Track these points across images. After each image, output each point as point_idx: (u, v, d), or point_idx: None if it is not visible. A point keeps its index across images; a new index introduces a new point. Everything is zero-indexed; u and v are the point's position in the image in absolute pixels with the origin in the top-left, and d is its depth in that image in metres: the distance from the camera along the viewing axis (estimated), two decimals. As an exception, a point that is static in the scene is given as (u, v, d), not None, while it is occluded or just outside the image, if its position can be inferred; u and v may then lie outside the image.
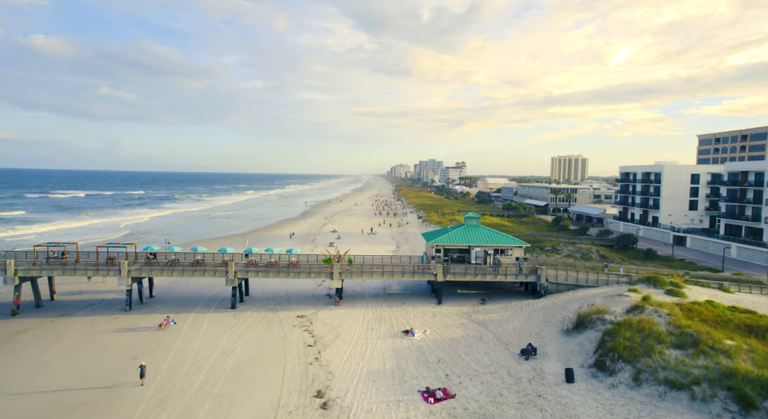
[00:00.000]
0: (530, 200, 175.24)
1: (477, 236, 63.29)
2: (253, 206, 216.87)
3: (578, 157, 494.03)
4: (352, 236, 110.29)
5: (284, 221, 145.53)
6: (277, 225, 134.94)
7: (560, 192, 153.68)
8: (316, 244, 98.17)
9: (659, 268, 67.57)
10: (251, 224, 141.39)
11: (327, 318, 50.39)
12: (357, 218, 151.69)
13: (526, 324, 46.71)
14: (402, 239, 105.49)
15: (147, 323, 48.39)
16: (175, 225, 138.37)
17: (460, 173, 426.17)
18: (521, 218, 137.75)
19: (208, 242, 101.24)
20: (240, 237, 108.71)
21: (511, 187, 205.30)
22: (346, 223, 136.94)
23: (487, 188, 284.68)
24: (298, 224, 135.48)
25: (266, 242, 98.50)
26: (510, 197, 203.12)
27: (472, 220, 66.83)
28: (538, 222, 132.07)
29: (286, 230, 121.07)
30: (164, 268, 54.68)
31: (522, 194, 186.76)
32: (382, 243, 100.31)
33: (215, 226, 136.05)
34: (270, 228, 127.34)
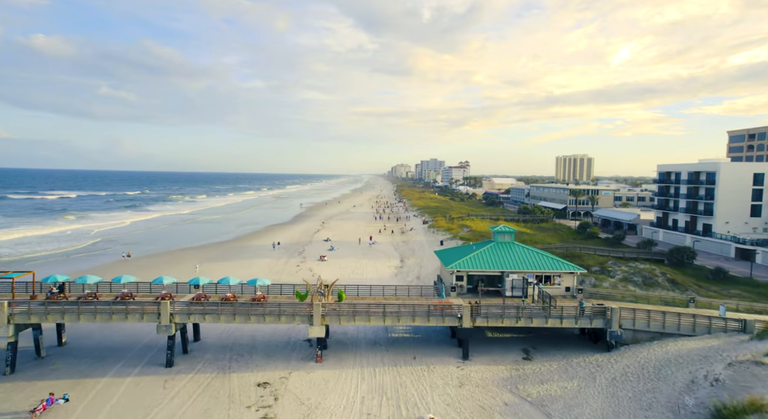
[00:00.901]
0: (544, 202, 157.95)
1: (512, 258, 46.07)
2: (246, 209, 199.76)
3: (584, 156, 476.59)
4: (348, 246, 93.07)
5: (273, 227, 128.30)
6: (264, 232, 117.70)
7: (581, 194, 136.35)
8: (305, 257, 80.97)
9: (746, 293, 50.33)
10: (237, 229, 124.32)
11: (302, 388, 33.30)
12: (355, 222, 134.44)
13: (610, 408, 29.41)
14: (406, 251, 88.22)
15: (18, 403, 31.09)
16: (153, 232, 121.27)
17: (464, 172, 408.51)
18: (539, 224, 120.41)
19: (175, 254, 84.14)
20: (215, 248, 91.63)
21: (522, 188, 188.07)
22: (343, 229, 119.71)
23: (493, 188, 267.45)
24: (288, 231, 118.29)
25: (242, 256, 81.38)
26: (521, 199, 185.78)
27: (504, 235, 49.47)
28: (559, 228, 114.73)
29: (273, 238, 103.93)
30: (66, 309, 37.39)
31: (535, 195, 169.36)
32: (383, 255, 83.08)
33: (195, 233, 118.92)
34: (254, 236, 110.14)
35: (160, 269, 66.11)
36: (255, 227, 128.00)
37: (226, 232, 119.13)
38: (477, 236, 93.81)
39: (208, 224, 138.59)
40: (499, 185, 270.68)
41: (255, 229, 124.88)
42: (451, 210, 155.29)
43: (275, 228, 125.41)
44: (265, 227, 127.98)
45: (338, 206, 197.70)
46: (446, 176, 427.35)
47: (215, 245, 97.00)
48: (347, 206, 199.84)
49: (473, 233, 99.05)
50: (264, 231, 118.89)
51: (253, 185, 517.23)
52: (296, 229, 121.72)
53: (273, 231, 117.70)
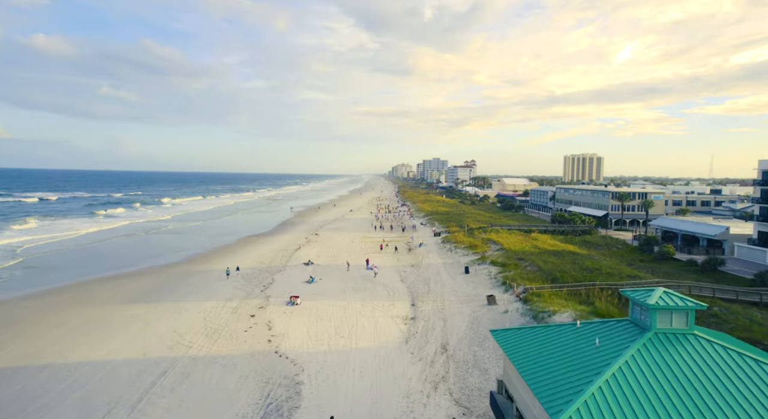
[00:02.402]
0: (575, 207, 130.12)
1: (713, 392, 17.59)
2: (230, 213, 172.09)
3: (593, 155, 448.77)
4: (336, 274, 65.35)
5: (247, 240, 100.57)
6: (233, 248, 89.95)
7: (628, 197, 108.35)
8: (268, 297, 53.21)
9: None
10: (203, 243, 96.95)
11: None
12: (349, 234, 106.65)
13: None
14: (418, 284, 60.42)
15: None
16: (95, 248, 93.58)
17: (470, 172, 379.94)
18: (582, 237, 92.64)
19: (81, 290, 56.25)
20: (151, 275, 63.81)
21: (544, 190, 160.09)
22: (333, 244, 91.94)
23: (505, 189, 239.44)
24: (263, 246, 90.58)
25: (178, 292, 53.37)
26: (542, 203, 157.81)
27: (671, 315, 20.49)
28: (612, 244, 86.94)
29: (238, 258, 76.41)
30: None
31: (563, 198, 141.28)
32: (384, 294, 55.25)
33: (148, 248, 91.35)
34: (217, 254, 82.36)
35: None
36: (226, 240, 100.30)
37: (186, 247, 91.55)
38: (515, 260, 66.19)
39: (175, 236, 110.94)
40: (511, 186, 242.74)
41: (225, 242, 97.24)
42: (464, 217, 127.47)
43: (249, 242, 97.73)
44: (238, 240, 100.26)
45: (332, 211, 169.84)
46: (451, 176, 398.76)
47: (156, 270, 69.32)
48: (343, 210, 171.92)
49: (507, 254, 71.31)
50: (233, 247, 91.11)
51: (251, 185, 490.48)
52: (274, 243, 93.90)
53: (244, 247, 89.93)
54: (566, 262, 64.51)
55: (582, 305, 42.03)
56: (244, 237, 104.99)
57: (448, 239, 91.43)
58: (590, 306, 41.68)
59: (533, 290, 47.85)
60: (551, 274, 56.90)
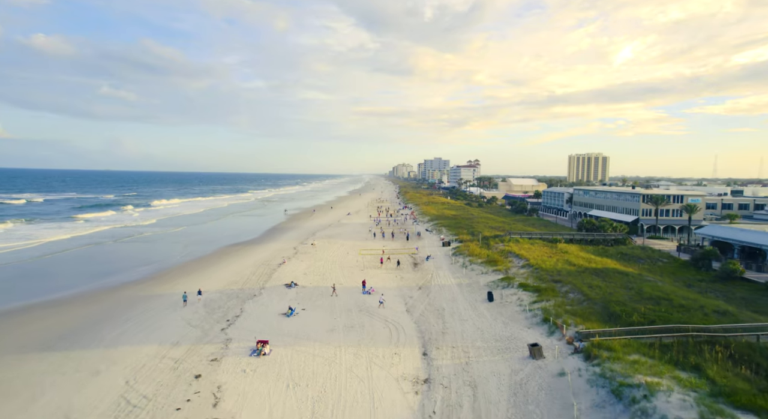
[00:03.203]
0: (597, 210, 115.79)
1: None
2: (220, 217, 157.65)
3: (598, 155, 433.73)
4: (323, 304, 51.02)
5: (227, 250, 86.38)
6: (206, 261, 75.69)
7: (663, 201, 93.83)
8: (228, 343, 38.81)
9: None
10: (175, 253, 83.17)
11: None
12: (344, 243, 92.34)
13: None
14: (430, 317, 46.13)
15: None
16: (51, 260, 79.51)
17: (473, 172, 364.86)
18: (617, 248, 78.28)
19: None
20: (88, 303, 49.46)
21: (559, 191, 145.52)
22: (324, 257, 77.65)
23: (512, 190, 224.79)
24: (242, 258, 76.31)
25: (110, 334, 38.68)
26: (558, 205, 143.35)
27: None
28: (653, 256, 72.58)
29: (207, 274, 62.24)
30: None
31: (582, 201, 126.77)
32: (384, 334, 40.90)
33: (104, 263, 77.20)
34: (184, 270, 68.08)
35: None
36: (203, 251, 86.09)
37: (153, 259, 77.45)
38: (549, 282, 51.98)
39: (148, 244, 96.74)
40: (519, 187, 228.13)
41: (200, 253, 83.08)
42: (474, 222, 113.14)
43: (229, 252, 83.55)
44: (217, 251, 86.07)
45: (329, 214, 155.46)
46: (454, 177, 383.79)
47: (100, 294, 55.07)
48: (340, 213, 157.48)
49: (537, 272, 57.00)
50: (207, 260, 76.84)
51: (250, 186, 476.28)
52: (256, 255, 79.62)
53: (219, 261, 75.65)
54: (616, 286, 50.18)
55: (685, 373, 27.64)
56: (225, 247, 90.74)
57: (460, 250, 77.04)
58: (698, 374, 27.34)
59: (596, 338, 33.42)
60: (605, 306, 42.60)
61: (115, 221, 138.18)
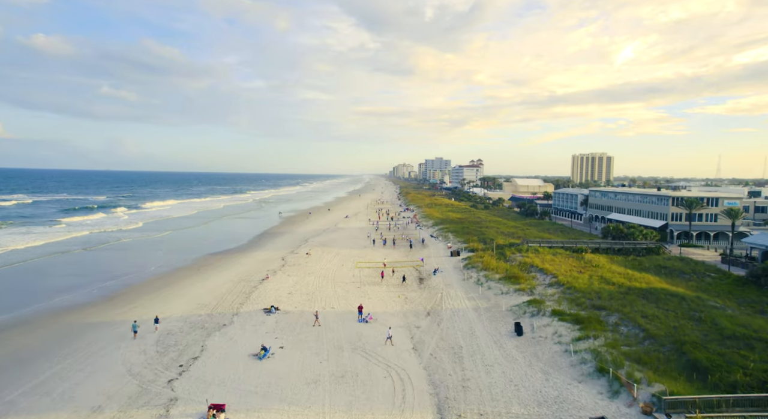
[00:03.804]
0: (618, 214, 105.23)
1: None
2: (211, 220, 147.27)
3: (602, 155, 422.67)
4: (307, 338, 40.44)
5: (208, 260, 76.01)
6: (179, 274, 65.26)
7: (697, 204, 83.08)
8: (171, 404, 28.06)
9: None
10: (148, 264, 73.10)
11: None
12: (340, 252, 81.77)
13: None
14: (446, 365, 35.65)
15: None
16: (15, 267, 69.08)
17: (477, 172, 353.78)
18: (650, 258, 67.62)
19: None
20: (12, 334, 38.81)
21: (573, 192, 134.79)
22: (315, 270, 67.06)
23: (517, 191, 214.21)
24: (221, 272, 65.75)
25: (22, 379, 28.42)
26: (572, 208, 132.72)
27: None
28: (698, 270, 61.79)
29: (175, 293, 51.79)
30: None
31: (600, 204, 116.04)
32: (384, 404, 30.14)
33: (63, 277, 66.86)
34: (150, 287, 57.60)
35: None
36: (180, 261, 75.76)
37: (122, 272, 67.10)
38: (589, 308, 41.51)
39: (123, 253, 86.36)
40: (524, 188, 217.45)
41: (176, 265, 72.75)
42: (483, 226, 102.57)
43: (209, 263, 73.18)
44: (196, 261, 75.71)
45: (326, 217, 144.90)
46: (456, 177, 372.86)
47: (37, 320, 44.61)
48: (337, 216, 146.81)
49: (570, 293, 46.48)
50: (182, 273, 66.36)
51: (249, 186, 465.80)
52: (238, 267, 69.07)
53: (194, 275, 65.14)
54: (678, 315, 39.55)
55: None
56: (207, 256, 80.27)
57: (472, 262, 66.37)
58: None
59: (696, 415, 22.73)
60: (677, 349, 32.06)
61: (98, 225, 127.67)
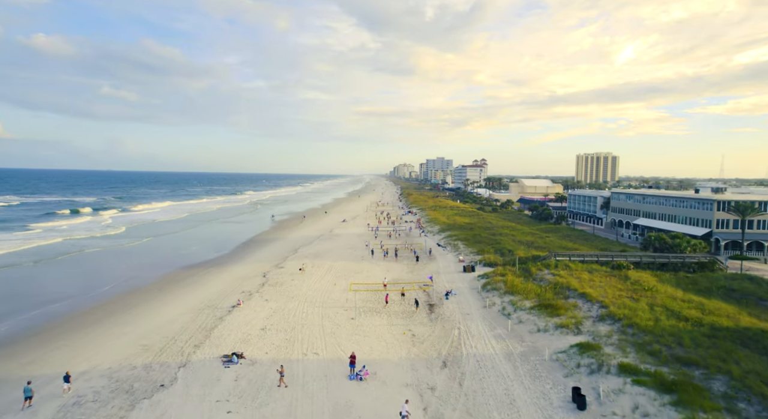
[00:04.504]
0: (645, 219, 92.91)
1: None
2: (200, 223, 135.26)
3: (608, 154, 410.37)
4: (274, 412, 27.79)
5: (176, 276, 63.85)
6: (135, 298, 53.01)
7: (751, 210, 70.49)
8: None
9: None
10: (104, 283, 60.99)
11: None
12: (333, 264, 69.31)
13: None
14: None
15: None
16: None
17: (480, 173, 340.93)
18: (707, 276, 55.16)
19: None
20: None
21: (591, 195, 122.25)
22: (300, 292, 54.66)
23: (524, 192, 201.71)
24: (188, 293, 53.52)
25: None
26: (589, 211, 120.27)
27: None
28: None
29: (118, 329, 39.57)
30: None
31: (623, 207, 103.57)
32: None
33: (17, 294, 54.48)
34: (93, 316, 45.41)
35: None
36: (147, 278, 63.64)
37: (66, 294, 55.15)
38: (676, 364, 28.68)
39: (85, 266, 74.44)
40: (532, 189, 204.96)
41: (142, 282, 60.71)
42: (496, 233, 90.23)
43: (179, 280, 61.01)
44: (164, 278, 63.53)
45: (322, 221, 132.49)
46: (459, 177, 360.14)
47: None
48: (334, 219, 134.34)
49: (634, 335, 34.22)
50: (140, 295, 54.10)
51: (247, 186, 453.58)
52: (208, 287, 56.73)
53: (155, 298, 52.89)
54: None
55: None
56: (178, 271, 68.04)
57: (492, 282, 53.96)
58: None
59: None
60: None
61: (74, 231, 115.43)
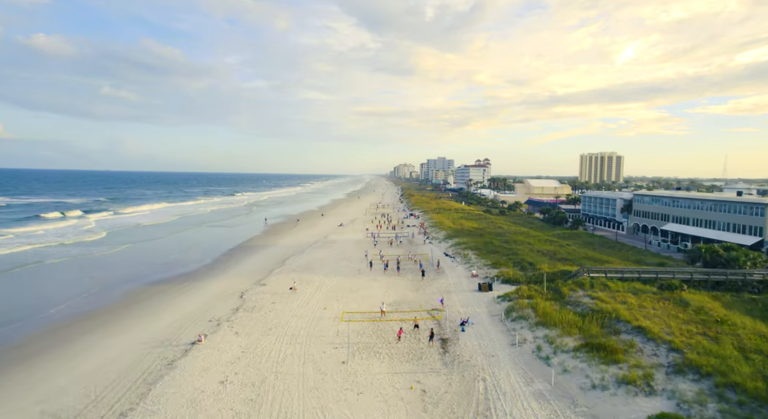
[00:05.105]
0: (674, 224, 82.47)
1: None
2: (188, 228, 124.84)
3: (612, 154, 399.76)
4: None
5: (144, 294, 53.53)
6: (80, 328, 42.63)
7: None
8: None
9: None
10: (49, 305, 51.11)
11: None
12: (325, 281, 58.84)
13: None
14: None
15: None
16: None
17: (484, 173, 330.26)
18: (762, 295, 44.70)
19: None
20: None
21: (610, 197, 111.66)
22: (283, 320, 44.21)
23: (531, 193, 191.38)
24: (142, 322, 43.15)
25: None
26: (608, 215, 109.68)
27: None
28: None
29: (28, 385, 29.05)
30: None
31: (648, 211, 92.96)
32: None
33: None
34: (5, 361, 34.65)
35: None
36: (105, 297, 53.39)
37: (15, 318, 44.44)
38: None
39: (38, 281, 64.20)
40: (539, 189, 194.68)
41: (99, 303, 50.53)
42: (509, 240, 79.79)
43: (141, 300, 50.73)
44: (127, 295, 53.30)
45: (317, 225, 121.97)
46: (461, 177, 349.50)
47: None
48: (331, 223, 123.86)
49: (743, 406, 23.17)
50: (89, 323, 43.79)
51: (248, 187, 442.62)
52: (171, 312, 46.35)
53: (105, 326, 42.53)
54: None
55: None
56: (144, 287, 57.70)
57: (518, 309, 43.46)
58: None
59: None
60: None
61: (48, 237, 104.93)
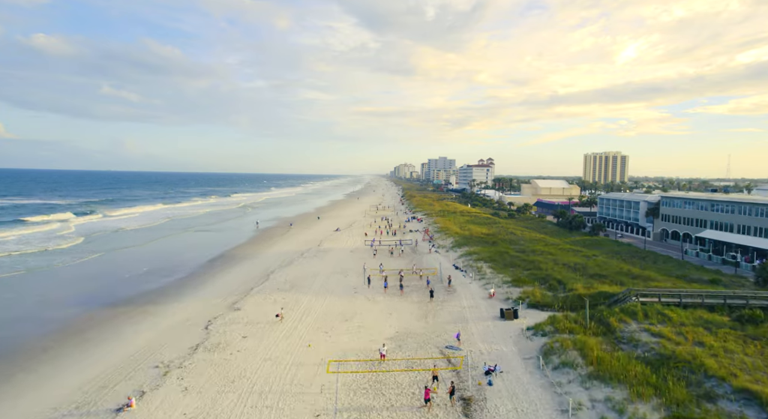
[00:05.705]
0: (712, 231, 72.32)
1: None
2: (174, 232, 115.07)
3: (616, 154, 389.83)
4: None
5: (87, 323, 43.44)
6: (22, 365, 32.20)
7: None
8: None
9: None
10: None
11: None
12: (312, 304, 48.73)
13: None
14: None
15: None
16: None
17: (487, 173, 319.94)
18: None
19: None
20: None
21: (632, 199, 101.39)
22: (255, 363, 34.19)
23: (539, 194, 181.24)
24: (68, 370, 33.24)
25: None
26: (631, 219, 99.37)
27: None
28: None
29: None
30: None
31: (679, 215, 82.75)
32: None
33: None
34: None
35: None
36: (39, 327, 43.10)
37: None
38: None
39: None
40: (547, 190, 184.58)
41: (18, 340, 39.98)
42: (527, 249, 69.61)
43: (85, 330, 40.73)
44: (67, 323, 43.16)
45: (311, 229, 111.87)
46: (464, 178, 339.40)
47: None
48: (326, 228, 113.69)
49: None
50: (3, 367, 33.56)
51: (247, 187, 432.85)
52: (116, 351, 36.24)
53: (10, 379, 32.26)
54: None
55: None
56: (95, 311, 47.67)
57: (558, 348, 33.37)
58: None
59: None
60: None
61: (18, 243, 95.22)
